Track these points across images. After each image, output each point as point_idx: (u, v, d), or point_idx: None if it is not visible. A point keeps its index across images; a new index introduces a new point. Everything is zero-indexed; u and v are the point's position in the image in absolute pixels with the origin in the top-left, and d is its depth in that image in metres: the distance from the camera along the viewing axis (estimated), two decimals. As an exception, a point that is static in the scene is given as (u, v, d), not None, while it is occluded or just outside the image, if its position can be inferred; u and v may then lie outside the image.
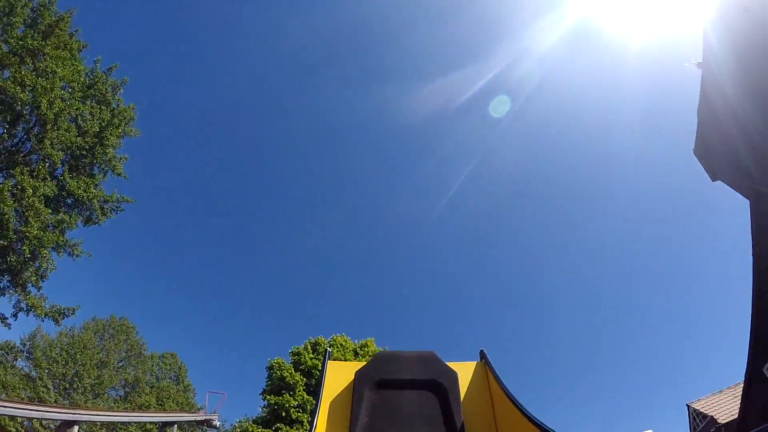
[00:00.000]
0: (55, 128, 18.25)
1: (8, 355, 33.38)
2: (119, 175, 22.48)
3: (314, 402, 5.43)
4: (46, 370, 33.92)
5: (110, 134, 21.41)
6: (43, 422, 20.41)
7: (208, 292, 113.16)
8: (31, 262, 18.89)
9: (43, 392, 31.22)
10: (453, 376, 5.45)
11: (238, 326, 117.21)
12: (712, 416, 25.10)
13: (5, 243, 17.53)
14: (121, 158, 22.55)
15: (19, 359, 34.03)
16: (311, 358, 35.17)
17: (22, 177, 17.59)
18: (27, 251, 18.09)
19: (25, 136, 19.40)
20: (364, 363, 5.75)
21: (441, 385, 5.29)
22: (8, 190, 17.09)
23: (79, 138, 19.80)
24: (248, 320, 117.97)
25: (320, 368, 5.80)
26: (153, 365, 45.78)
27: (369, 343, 37.17)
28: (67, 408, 21.03)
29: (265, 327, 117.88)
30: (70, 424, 19.47)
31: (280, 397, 33.20)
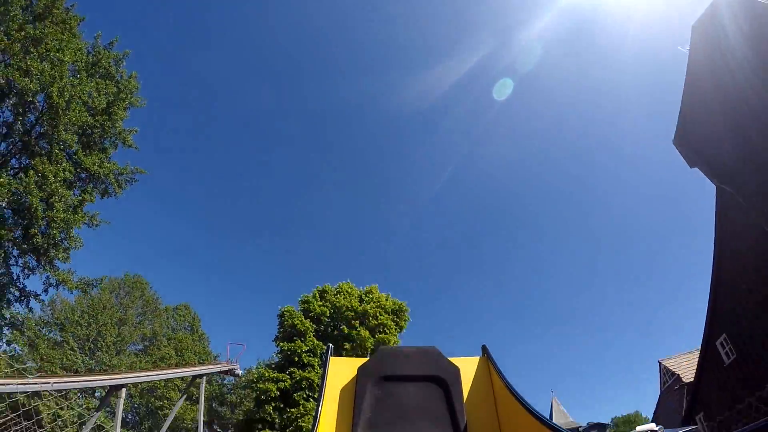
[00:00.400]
0: (67, 113, 18.83)
1: (43, 328, 34.62)
2: (130, 146, 23.14)
3: (317, 397, 6.12)
4: (71, 333, 35.34)
5: (118, 108, 21.97)
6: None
7: (217, 246, 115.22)
8: (60, 243, 19.91)
9: (70, 355, 32.64)
10: (455, 371, 5.45)
11: (248, 276, 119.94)
12: (678, 375, 26.95)
13: (33, 231, 18.49)
14: (130, 131, 23.18)
15: (47, 325, 35.31)
16: (319, 306, 36.94)
17: (43, 166, 18.37)
18: (57, 235, 19.15)
19: (36, 122, 19.98)
20: (367, 359, 5.78)
21: (443, 380, 5.31)
22: (34, 183, 17.94)
23: (89, 117, 20.39)
24: (257, 270, 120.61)
25: (322, 363, 5.81)
26: (168, 318, 47.85)
27: (373, 290, 38.90)
28: (113, 374, 22.31)
29: (274, 277, 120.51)
30: (119, 387, 20.95)
31: (292, 344, 35.08)
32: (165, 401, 38.68)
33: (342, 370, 5.75)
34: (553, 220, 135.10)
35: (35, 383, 17.30)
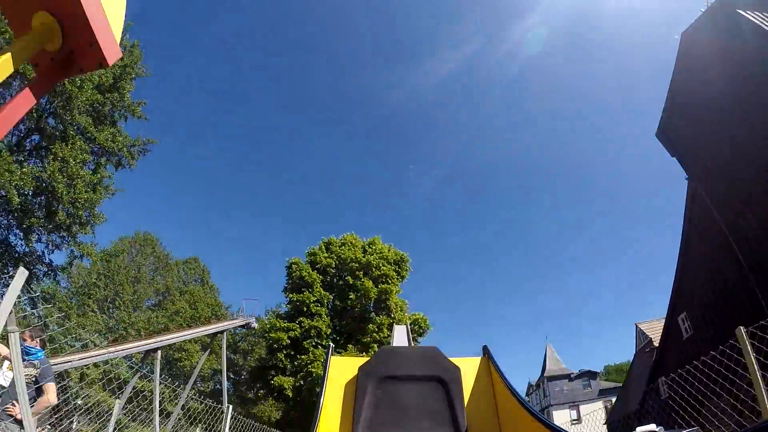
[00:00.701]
0: (79, 95, 19.55)
1: (72, 298, 35.75)
2: (139, 117, 23.76)
3: (317, 396, 5.57)
4: (90, 296, 36.68)
5: (125, 82, 22.52)
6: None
7: (223, 198, 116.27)
8: (87, 221, 21.03)
9: (92, 316, 34.12)
10: (456, 371, 5.47)
11: (255, 230, 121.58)
12: (651, 338, 28.60)
13: (61, 212, 19.62)
14: (139, 103, 23.77)
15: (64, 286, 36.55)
16: (325, 257, 38.68)
17: (63, 151, 19.28)
18: (82, 214, 20.29)
19: (47, 104, 20.65)
20: (368, 359, 5.83)
21: (444, 380, 5.31)
22: (57, 171, 18.92)
23: (99, 95, 21.05)
24: (264, 224, 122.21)
25: (323, 362, 5.51)
26: (179, 272, 49.32)
27: (376, 241, 40.55)
28: (149, 338, 23.62)
29: (281, 231, 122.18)
30: (155, 350, 22.54)
31: (301, 295, 36.93)
32: (183, 353, 40.66)
33: (343, 370, 5.72)
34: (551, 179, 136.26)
35: (91, 356, 18.74)
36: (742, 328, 5.68)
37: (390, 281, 37.93)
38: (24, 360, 6.15)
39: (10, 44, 1.83)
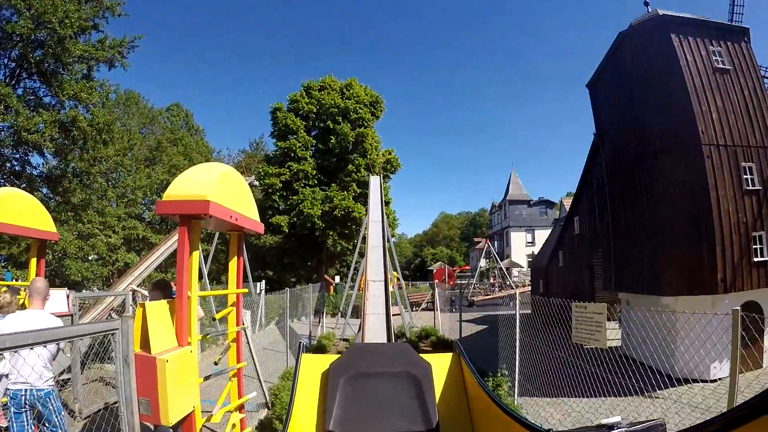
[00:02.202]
0: (65, 30, 20.25)
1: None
2: (119, 15, 23.49)
3: (289, 394, 5.68)
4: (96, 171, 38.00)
5: None
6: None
7: (205, 42, 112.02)
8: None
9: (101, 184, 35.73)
10: (427, 367, 5.50)
11: (235, 77, 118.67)
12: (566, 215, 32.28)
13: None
14: (118, 2, 23.31)
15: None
16: (306, 103, 41.73)
17: (71, 87, 21.22)
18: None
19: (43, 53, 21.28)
20: (338, 356, 5.80)
21: (415, 377, 5.37)
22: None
23: (80, 10, 21.30)
24: (245, 71, 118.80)
25: (296, 358, 5.99)
26: (164, 121, 50.95)
27: (353, 83, 43.41)
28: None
29: (261, 76, 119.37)
30: None
31: (287, 142, 40.46)
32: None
33: (314, 367, 5.75)
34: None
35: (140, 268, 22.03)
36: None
37: (366, 123, 41.70)
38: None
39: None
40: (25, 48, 20.81)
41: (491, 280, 50.03)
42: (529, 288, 35.74)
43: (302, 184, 39.95)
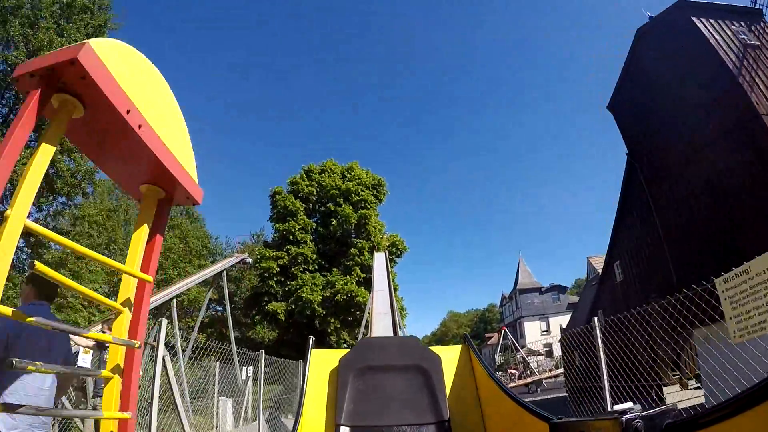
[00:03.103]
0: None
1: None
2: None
3: (299, 390, 5.88)
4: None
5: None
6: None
7: (205, 124, 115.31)
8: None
9: (95, 269, 34.95)
10: (436, 359, 5.49)
11: (234, 161, 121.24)
12: (598, 273, 30.88)
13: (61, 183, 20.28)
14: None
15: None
16: (306, 186, 40.46)
17: None
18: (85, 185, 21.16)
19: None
20: (348, 351, 5.76)
21: (425, 369, 5.36)
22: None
23: None
24: (245, 152, 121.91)
25: (304, 354, 5.85)
26: (164, 206, 48.64)
27: (354, 166, 42.26)
28: (161, 291, 25.41)
29: (261, 158, 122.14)
30: (169, 301, 24.13)
31: (286, 224, 38.86)
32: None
33: (323, 362, 5.72)
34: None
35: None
36: (596, 319, 7.62)
37: (368, 206, 40.05)
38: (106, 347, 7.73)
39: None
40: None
41: (510, 370, 46.67)
42: (555, 371, 33.34)
43: (301, 269, 37.84)
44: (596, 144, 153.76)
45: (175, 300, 24.97)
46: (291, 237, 38.74)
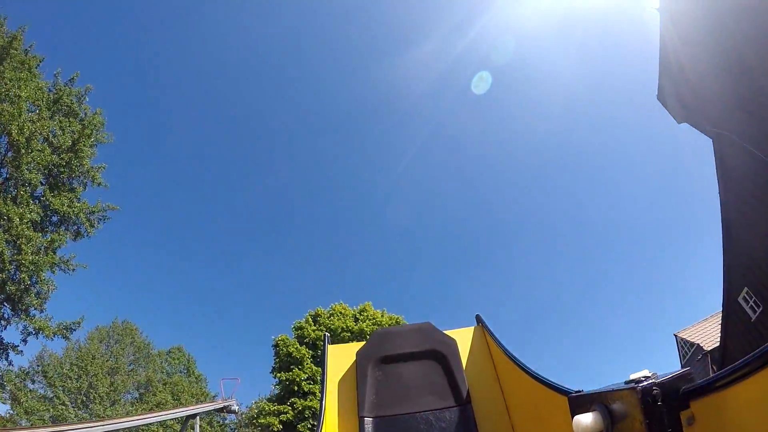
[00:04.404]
0: (29, 151, 18.35)
1: (25, 380, 33.79)
2: (99, 184, 22.56)
3: (320, 387, 6.46)
4: (61, 388, 34.28)
5: (84, 145, 21.42)
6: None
7: (203, 285, 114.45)
8: (32, 288, 19.30)
9: (62, 410, 31.76)
10: (452, 343, 5.55)
11: (237, 313, 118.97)
12: (698, 344, 26.48)
13: (3, 276, 17.89)
14: (99, 168, 22.60)
15: (35, 382, 34.41)
16: (314, 330, 36.49)
17: (7, 207, 17.80)
18: (26, 279, 18.53)
19: (0, 165, 19.47)
20: (363, 343, 5.82)
21: (441, 354, 5.41)
22: None
23: (54, 156, 19.89)
24: (246, 304, 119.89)
25: (321, 351, 5.87)
26: (162, 362, 46.56)
27: (367, 307, 38.48)
28: (107, 420, 21.70)
29: (264, 308, 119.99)
30: None
31: (290, 373, 34.60)
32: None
33: (341, 358, 5.75)
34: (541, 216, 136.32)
35: None
36: None
37: (387, 348, 35.65)
38: None
39: None
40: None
41: None
42: None
43: (309, 425, 32.87)
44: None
45: None
46: (296, 388, 34.00)
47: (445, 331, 5.82)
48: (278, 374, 35.26)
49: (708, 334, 25.43)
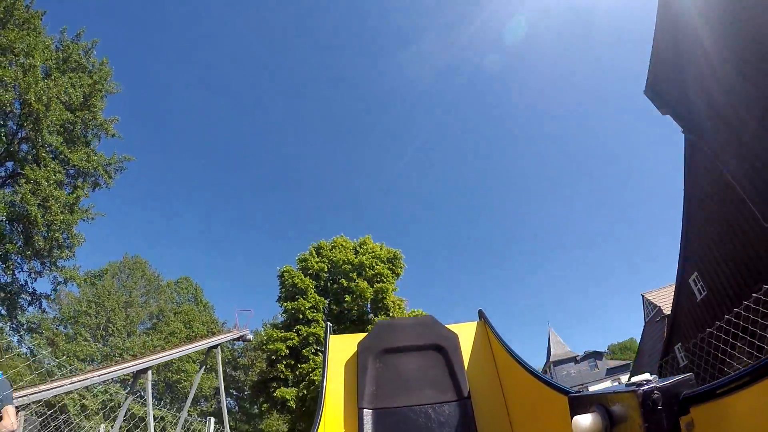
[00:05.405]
0: (48, 115, 19.03)
1: (60, 325, 35.31)
2: (113, 135, 23.26)
3: (320, 377, 5.62)
4: (82, 325, 36.04)
5: (95, 99, 22.06)
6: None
7: (210, 216, 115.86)
8: (64, 243, 20.52)
9: (85, 346, 33.62)
10: (453, 337, 5.56)
11: (244, 243, 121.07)
12: (660, 307, 28.41)
13: (38, 237, 19.08)
14: (111, 120, 23.25)
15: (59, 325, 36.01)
16: (317, 262, 38.07)
17: (34, 173, 18.76)
18: (59, 237, 19.77)
19: (17, 129, 20.15)
20: (365, 335, 5.82)
21: (443, 348, 5.42)
22: (29, 192, 18.39)
23: (69, 114, 20.54)
24: (252, 236, 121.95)
25: (323, 340, 5.94)
26: (171, 292, 48.72)
27: (367, 240, 40.00)
28: (138, 359, 23.24)
29: (269, 240, 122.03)
30: (144, 371, 21.96)
31: (295, 302, 36.37)
32: (182, 374, 40.09)
33: (342, 348, 5.76)
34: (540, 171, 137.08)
35: (77, 380, 18.13)
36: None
37: (385, 280, 37.30)
38: None
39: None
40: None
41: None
42: None
43: (313, 350, 34.90)
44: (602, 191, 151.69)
45: (151, 372, 22.49)
46: (301, 316, 35.88)
47: (447, 326, 5.86)
48: (284, 303, 37.03)
49: (668, 299, 26.15)
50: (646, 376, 2.07)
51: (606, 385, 39.65)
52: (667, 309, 25.81)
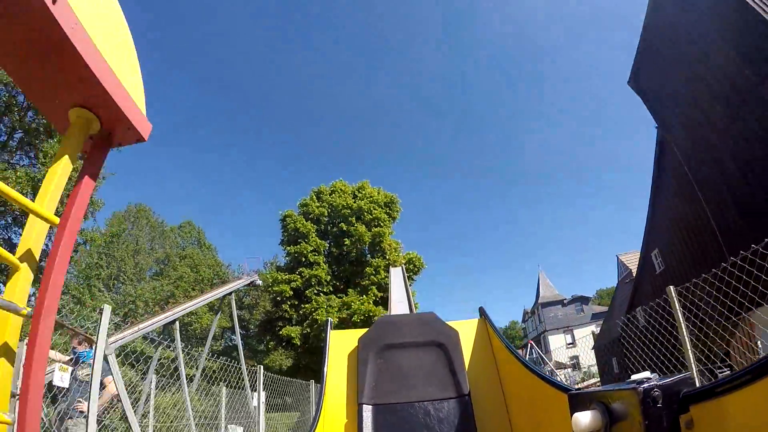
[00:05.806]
0: None
1: (83, 283, 36.32)
2: None
3: (320, 373, 5.59)
4: (95, 276, 37.27)
5: None
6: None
7: (210, 160, 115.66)
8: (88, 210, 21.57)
9: (100, 296, 34.96)
10: (454, 334, 5.54)
11: (245, 185, 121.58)
12: (631, 270, 29.94)
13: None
14: None
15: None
16: (317, 207, 39.54)
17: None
18: None
19: (28, 102, 20.55)
20: (366, 330, 5.79)
21: (443, 345, 5.42)
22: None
23: None
24: (253, 179, 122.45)
25: (324, 338, 5.87)
26: (175, 237, 49.86)
27: (365, 185, 41.36)
28: (166, 311, 25.22)
29: (271, 182, 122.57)
30: (172, 323, 23.58)
31: (298, 246, 37.92)
32: (193, 316, 41.80)
33: (342, 343, 5.80)
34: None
35: (111, 342, 19.44)
36: (671, 287, 6.65)
37: (382, 224, 39.02)
38: (81, 363, 7.07)
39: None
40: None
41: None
42: (585, 382, 31.38)
43: (315, 291, 36.73)
44: (605, 138, 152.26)
45: (178, 322, 24.19)
46: (303, 259, 37.83)
47: (448, 322, 5.82)
48: (287, 247, 38.99)
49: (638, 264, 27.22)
50: (647, 374, 2.09)
51: (592, 329, 41.37)
52: (635, 272, 27.30)
